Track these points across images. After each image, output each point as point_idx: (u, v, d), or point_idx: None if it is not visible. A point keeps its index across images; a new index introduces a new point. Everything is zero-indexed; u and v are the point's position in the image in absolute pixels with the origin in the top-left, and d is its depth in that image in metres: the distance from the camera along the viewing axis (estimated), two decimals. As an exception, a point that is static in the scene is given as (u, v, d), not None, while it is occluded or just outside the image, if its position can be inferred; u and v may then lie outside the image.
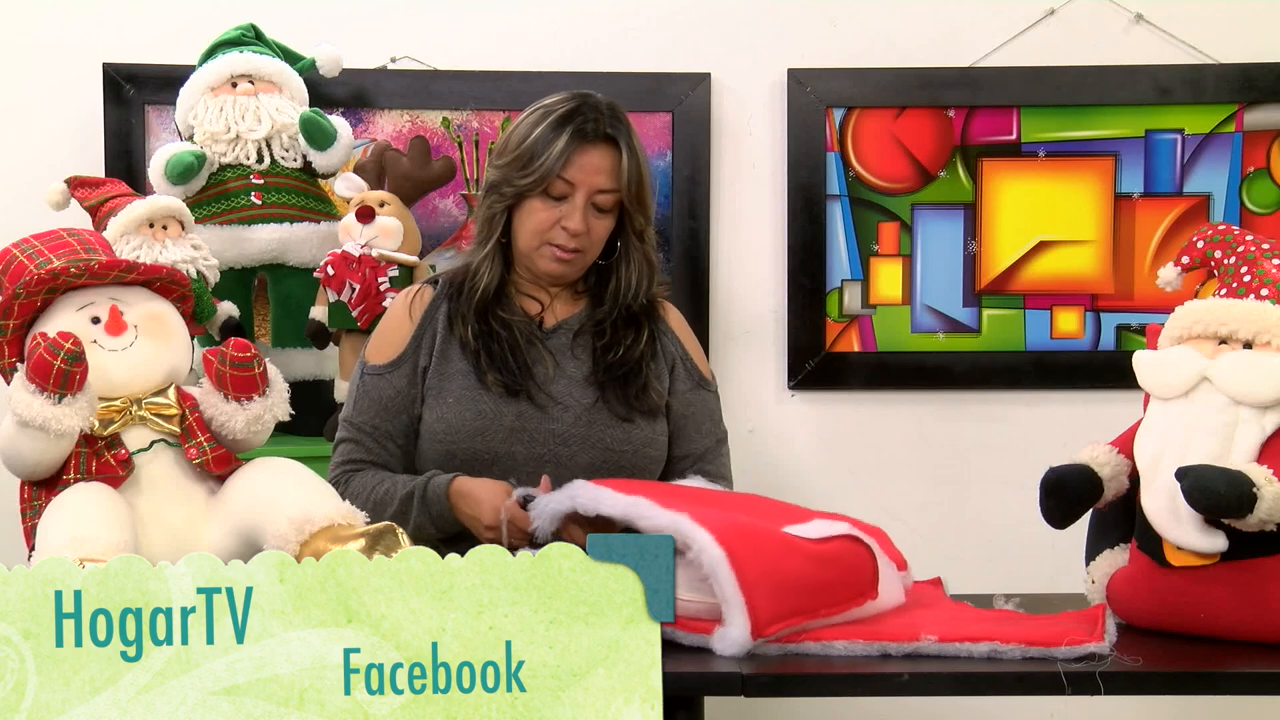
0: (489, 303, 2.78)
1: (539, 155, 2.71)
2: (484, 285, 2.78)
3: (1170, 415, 2.29)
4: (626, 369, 2.76)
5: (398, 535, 2.16)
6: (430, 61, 3.70)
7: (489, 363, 2.74)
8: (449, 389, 2.74)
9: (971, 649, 2.16)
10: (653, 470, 2.78)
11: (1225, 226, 2.42)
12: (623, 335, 2.79)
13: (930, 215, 3.73)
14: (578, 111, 2.73)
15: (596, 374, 2.76)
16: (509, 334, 2.76)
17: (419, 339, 2.79)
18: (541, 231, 2.74)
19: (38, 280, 2.32)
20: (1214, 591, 2.23)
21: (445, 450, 2.72)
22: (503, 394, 2.72)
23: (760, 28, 3.74)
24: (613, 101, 2.78)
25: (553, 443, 2.71)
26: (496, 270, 2.79)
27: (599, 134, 2.72)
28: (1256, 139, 3.70)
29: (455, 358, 2.77)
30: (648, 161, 2.80)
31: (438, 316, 2.80)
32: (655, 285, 2.85)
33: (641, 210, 2.77)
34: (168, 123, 3.59)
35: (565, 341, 2.80)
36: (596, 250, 2.78)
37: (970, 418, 3.76)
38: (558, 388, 2.75)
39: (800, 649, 2.18)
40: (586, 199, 2.72)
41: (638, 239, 2.79)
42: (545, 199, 2.73)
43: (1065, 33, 3.71)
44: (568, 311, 2.83)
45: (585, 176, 2.71)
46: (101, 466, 2.29)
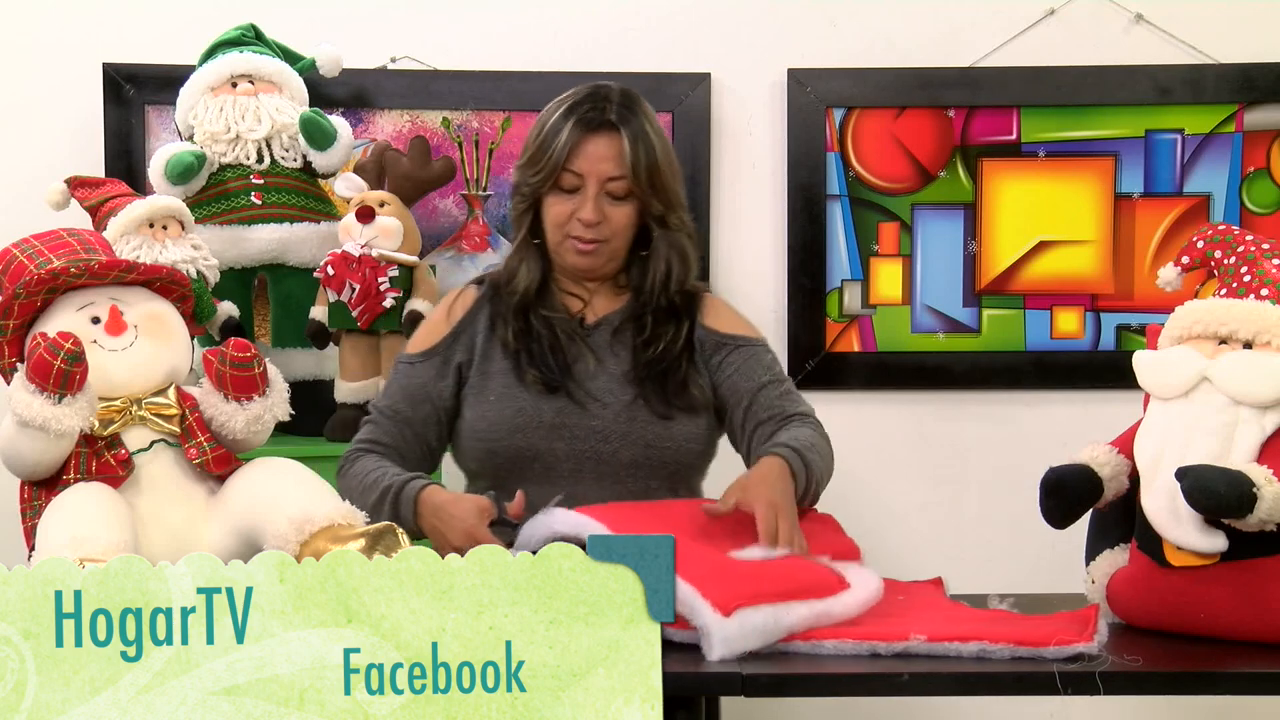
0: (530, 302, 2.78)
1: (546, 150, 2.72)
2: (524, 286, 2.79)
3: (1170, 415, 2.29)
4: (665, 365, 2.75)
5: (398, 535, 2.17)
6: (430, 61, 3.70)
7: (529, 360, 2.74)
8: (490, 387, 2.75)
9: (960, 649, 2.16)
10: (695, 465, 2.79)
11: (1225, 226, 2.42)
12: (662, 330, 2.78)
13: (930, 215, 3.73)
14: (582, 102, 2.73)
15: (636, 370, 2.75)
16: (549, 332, 2.76)
17: (455, 336, 2.80)
18: (561, 225, 2.74)
19: (38, 280, 2.32)
20: (1214, 591, 2.23)
21: (486, 448, 2.73)
22: (542, 391, 2.72)
23: (760, 28, 3.74)
24: (627, 90, 2.77)
25: (593, 439, 2.71)
26: (535, 270, 2.80)
27: (602, 122, 2.71)
28: (1256, 139, 3.70)
29: (497, 358, 2.77)
30: (667, 147, 2.77)
31: (479, 317, 2.82)
32: (690, 272, 2.82)
33: (658, 196, 2.74)
34: (168, 123, 3.59)
35: (606, 338, 2.79)
36: (621, 239, 2.77)
37: (970, 418, 3.76)
38: (597, 384, 2.74)
39: (790, 648, 2.19)
40: (598, 188, 2.72)
41: (660, 226, 2.77)
42: (560, 193, 2.73)
43: (1065, 33, 3.71)
44: (609, 307, 2.83)
45: (591, 165, 2.71)
46: (101, 466, 2.29)
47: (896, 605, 2.41)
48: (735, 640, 2.14)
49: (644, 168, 2.72)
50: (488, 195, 3.72)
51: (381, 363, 3.33)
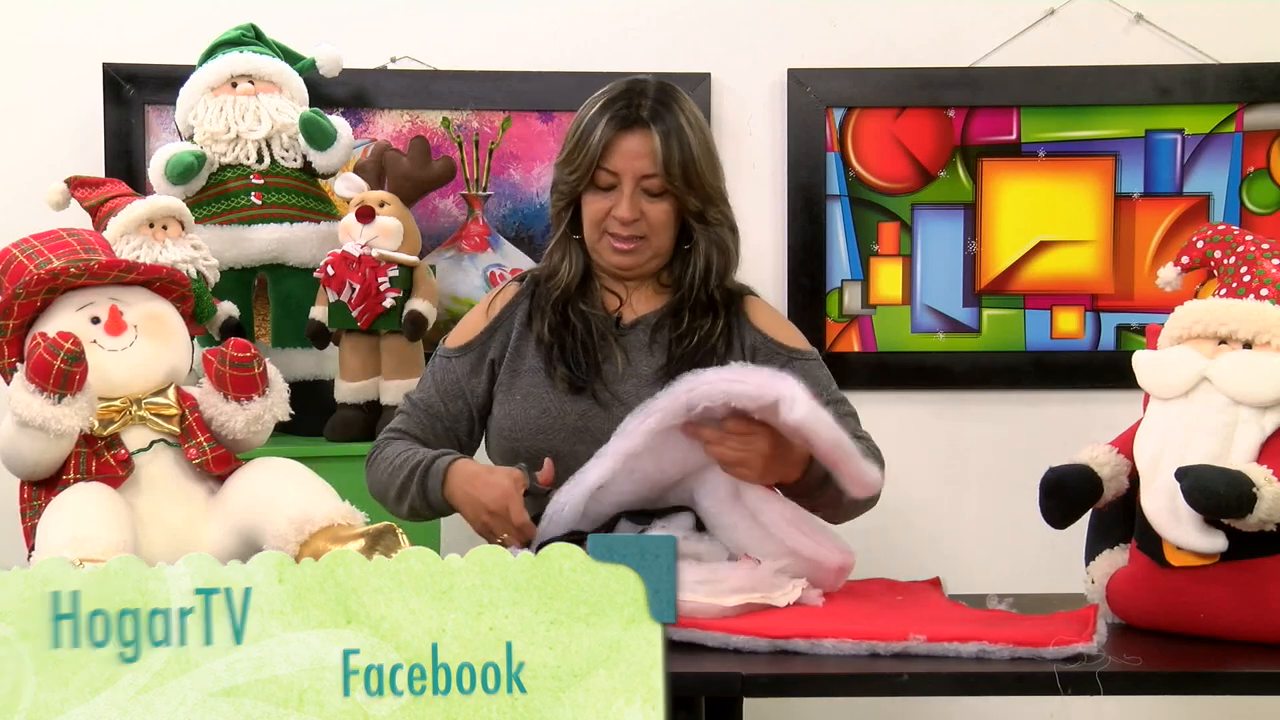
0: (570, 297, 2.78)
1: (583, 148, 2.71)
2: (565, 281, 2.78)
3: (1170, 415, 2.29)
4: (698, 360, 2.68)
5: (397, 535, 2.17)
6: (430, 61, 3.70)
7: (559, 358, 2.73)
8: (518, 385, 2.75)
9: (960, 649, 2.16)
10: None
11: (1225, 226, 2.42)
12: (698, 324, 2.75)
13: (930, 215, 3.73)
14: (617, 99, 2.72)
15: (669, 367, 2.72)
16: (585, 328, 2.75)
17: (491, 331, 2.80)
18: (599, 223, 2.74)
19: (38, 280, 2.32)
20: (1214, 591, 2.23)
21: (510, 448, 2.73)
22: (567, 391, 2.72)
23: (760, 28, 3.74)
24: (664, 84, 2.76)
25: None
26: (578, 266, 2.79)
27: (635, 119, 2.70)
28: (1256, 139, 3.70)
29: (529, 355, 2.77)
30: (704, 141, 2.75)
31: (517, 312, 2.81)
32: (731, 267, 2.80)
33: (694, 192, 2.72)
34: (168, 123, 3.59)
35: (643, 338, 2.78)
36: (660, 236, 2.75)
37: (970, 418, 3.76)
38: (624, 387, 2.73)
39: (789, 645, 2.19)
40: (634, 185, 2.71)
41: (698, 221, 2.75)
42: (597, 191, 2.73)
43: (1065, 33, 3.71)
44: (648, 307, 2.81)
45: (626, 163, 2.70)
46: (101, 466, 2.29)
47: (896, 605, 2.41)
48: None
49: (677, 164, 2.70)
50: (488, 195, 3.72)
51: (381, 363, 3.33)
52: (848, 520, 2.66)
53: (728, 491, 2.48)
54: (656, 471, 2.48)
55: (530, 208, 3.70)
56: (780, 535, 2.44)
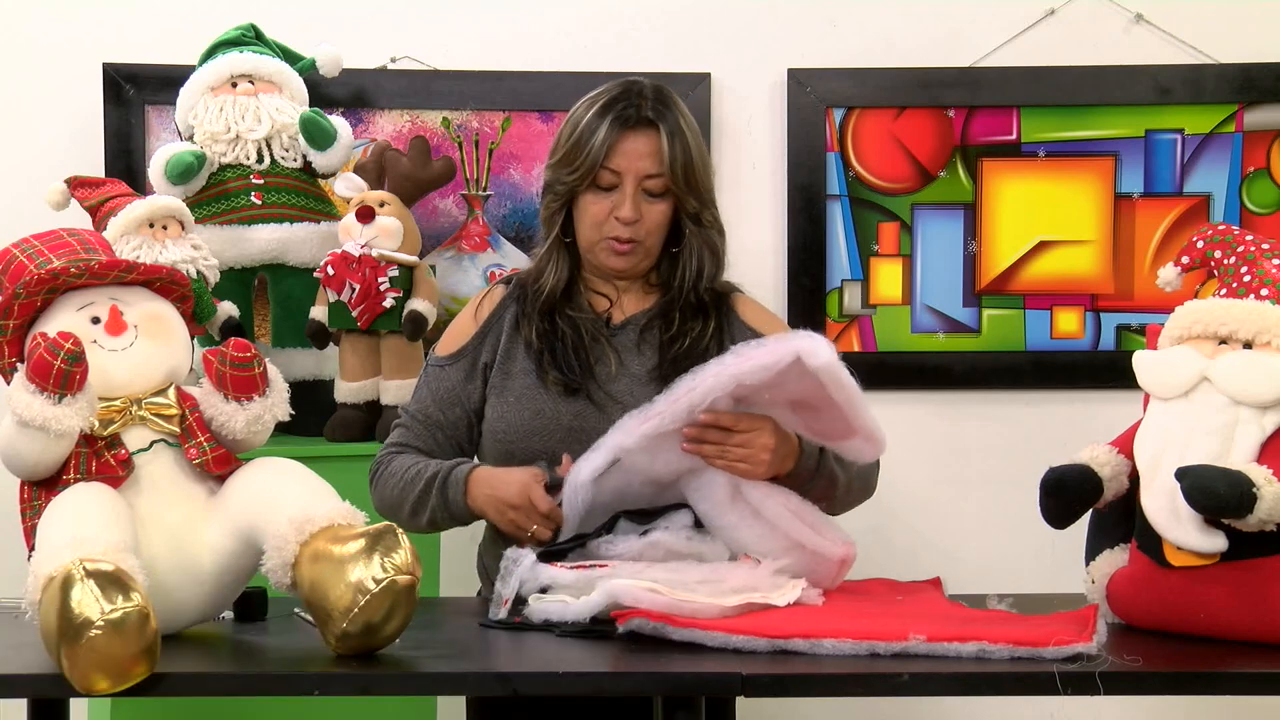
0: (556, 301, 2.77)
1: (583, 147, 2.70)
2: (550, 286, 2.77)
3: (1170, 415, 2.29)
4: (691, 362, 2.65)
5: (397, 535, 2.16)
6: (430, 61, 3.70)
7: (550, 361, 2.73)
8: (511, 388, 2.74)
9: (960, 649, 2.15)
10: None
11: (1225, 226, 2.42)
12: (689, 326, 2.76)
13: (930, 215, 3.73)
14: (619, 99, 2.72)
15: (661, 367, 2.72)
16: (574, 332, 2.75)
17: (482, 336, 2.80)
18: (598, 225, 2.73)
19: (38, 280, 2.32)
20: (1214, 591, 2.23)
21: (505, 450, 2.72)
22: (561, 393, 2.71)
23: (760, 28, 3.74)
24: (660, 85, 2.76)
25: None
26: (564, 269, 2.78)
27: (640, 119, 2.70)
28: (1256, 139, 3.70)
29: (520, 358, 2.76)
30: (700, 143, 2.76)
31: (505, 316, 2.80)
32: (720, 270, 2.80)
33: (693, 193, 2.73)
34: (168, 123, 3.59)
35: (633, 338, 2.78)
36: (655, 238, 2.75)
37: (970, 418, 3.76)
38: (618, 386, 2.73)
39: (789, 645, 2.18)
40: (635, 186, 2.70)
41: (694, 223, 2.75)
42: (596, 192, 2.72)
43: (1065, 33, 3.71)
44: (637, 307, 2.81)
45: (630, 163, 2.70)
46: (101, 466, 2.29)
47: (895, 605, 2.41)
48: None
49: (680, 165, 2.70)
50: (488, 195, 3.72)
51: (381, 363, 3.33)
52: (844, 511, 2.66)
53: (725, 493, 2.48)
54: (648, 469, 2.48)
55: (530, 208, 3.70)
56: (784, 528, 2.44)
